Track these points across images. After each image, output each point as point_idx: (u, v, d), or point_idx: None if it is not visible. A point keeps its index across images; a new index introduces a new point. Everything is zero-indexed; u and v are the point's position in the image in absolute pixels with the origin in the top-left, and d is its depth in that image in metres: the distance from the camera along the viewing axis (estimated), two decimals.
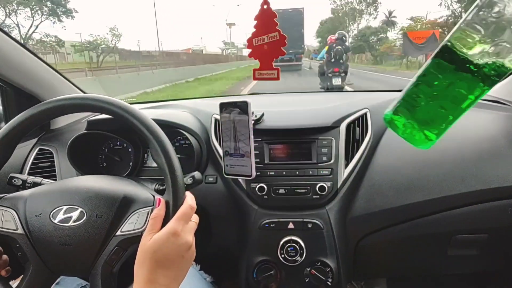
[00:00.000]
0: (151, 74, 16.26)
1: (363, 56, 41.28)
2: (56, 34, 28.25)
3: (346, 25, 49.60)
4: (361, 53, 40.40)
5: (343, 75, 6.45)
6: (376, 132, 0.94)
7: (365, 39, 37.77)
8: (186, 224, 0.56)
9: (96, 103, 0.61)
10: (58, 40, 24.62)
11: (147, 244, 0.53)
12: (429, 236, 0.94)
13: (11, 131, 0.61)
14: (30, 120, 0.62)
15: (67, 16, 25.00)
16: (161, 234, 0.53)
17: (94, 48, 25.21)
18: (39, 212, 0.59)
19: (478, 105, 1.07)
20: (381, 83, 13.03)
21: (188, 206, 0.58)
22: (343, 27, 49.43)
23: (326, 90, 6.20)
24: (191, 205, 0.58)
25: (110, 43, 27.12)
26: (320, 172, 0.87)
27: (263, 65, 0.69)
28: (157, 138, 0.60)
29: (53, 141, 1.07)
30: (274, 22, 0.64)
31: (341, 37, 6.83)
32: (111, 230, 0.58)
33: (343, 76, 6.46)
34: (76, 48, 26.20)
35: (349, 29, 51.16)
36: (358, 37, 39.45)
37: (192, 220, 0.59)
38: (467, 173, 0.86)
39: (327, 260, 0.84)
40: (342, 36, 6.92)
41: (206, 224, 0.97)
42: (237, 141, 0.83)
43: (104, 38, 26.30)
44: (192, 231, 0.58)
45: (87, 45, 25.63)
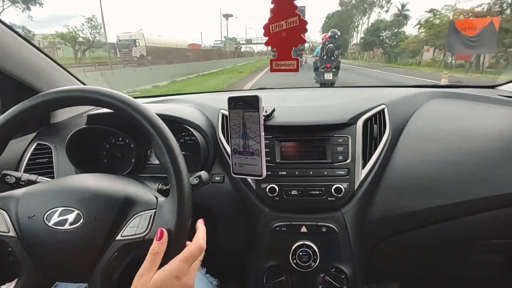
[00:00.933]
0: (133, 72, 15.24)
1: (373, 52, 38.77)
2: (25, 25, 25.20)
3: (354, 19, 47.95)
4: (371, 50, 38.18)
5: (334, 71, 7.14)
6: (395, 130, 0.89)
7: (377, 34, 34.95)
8: (190, 266, 0.53)
9: (95, 95, 0.58)
10: (27, 32, 22.50)
11: (148, 285, 0.49)
12: (450, 241, 0.89)
13: (4, 124, 0.58)
14: (25, 113, 0.58)
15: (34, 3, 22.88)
16: (164, 274, 0.50)
17: (70, 41, 23.64)
18: (32, 214, 0.55)
19: (501, 102, 1.02)
20: None
21: (196, 247, 0.54)
22: (351, 21, 47.78)
23: (321, 85, 7.02)
24: (200, 246, 0.55)
25: (91, 36, 25.29)
26: (336, 172, 0.82)
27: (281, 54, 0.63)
28: (161, 134, 0.57)
29: (52, 136, 1.02)
30: (293, 5, 0.58)
31: (333, 35, 7.45)
32: (110, 235, 0.55)
33: (335, 71, 7.17)
34: (49, 41, 24.31)
35: (357, 23, 49.15)
36: (369, 31, 36.70)
37: (198, 259, 0.55)
38: (492, 175, 0.81)
39: (342, 266, 0.80)
40: (334, 35, 7.51)
41: (212, 225, 0.93)
42: (247, 138, 0.78)
43: (82, 29, 24.46)
44: (195, 273, 0.55)
45: (59, 38, 23.78)
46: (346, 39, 51.63)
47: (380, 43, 34.85)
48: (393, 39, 33.14)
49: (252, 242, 0.87)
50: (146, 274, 0.50)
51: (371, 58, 37.47)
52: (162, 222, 0.55)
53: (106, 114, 0.92)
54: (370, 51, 37.95)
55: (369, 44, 35.85)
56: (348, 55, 50.58)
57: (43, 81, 1.04)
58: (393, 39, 33.17)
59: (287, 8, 0.58)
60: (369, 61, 35.48)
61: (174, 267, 0.51)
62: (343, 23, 48.32)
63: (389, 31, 34.16)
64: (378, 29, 34.87)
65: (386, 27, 34.47)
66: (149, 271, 0.50)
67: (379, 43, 34.90)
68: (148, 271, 0.50)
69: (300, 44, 0.60)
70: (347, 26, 49.18)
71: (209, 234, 0.93)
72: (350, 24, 49.11)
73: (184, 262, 0.52)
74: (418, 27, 29.70)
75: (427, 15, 25.24)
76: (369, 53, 38.94)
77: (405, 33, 33.23)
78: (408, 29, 35.32)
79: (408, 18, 35.46)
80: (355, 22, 49.20)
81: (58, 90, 0.58)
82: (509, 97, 1.07)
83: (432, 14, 28.13)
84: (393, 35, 33.49)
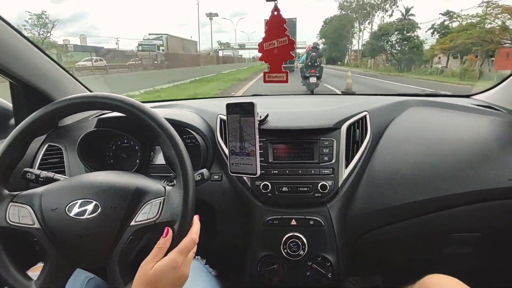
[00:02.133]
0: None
1: (375, 60, 34.54)
2: None
3: (355, 23, 44.15)
4: (378, 56, 33.66)
5: (318, 75, 8.90)
6: (375, 134, 0.99)
7: (386, 39, 30.68)
8: (186, 257, 0.60)
9: (108, 101, 0.64)
10: None
11: (149, 273, 0.56)
12: (425, 234, 0.98)
13: (26, 128, 0.64)
14: (44, 118, 0.65)
15: None
16: (163, 265, 0.57)
17: None
18: (55, 207, 0.61)
19: (473, 110, 1.13)
20: None
21: (191, 240, 0.61)
22: (352, 25, 43.68)
23: (311, 93, 8.56)
24: (194, 239, 0.61)
25: (40, 36, 20.65)
26: (321, 171, 0.91)
27: (273, 68, 0.73)
28: (168, 133, 0.64)
29: (61, 138, 1.09)
30: (283, 27, 0.68)
31: (315, 46, 9.69)
32: (125, 221, 0.61)
33: (318, 76, 8.94)
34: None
35: (358, 28, 44.62)
36: (377, 35, 32.08)
37: (192, 251, 0.62)
38: (462, 175, 0.91)
39: (328, 255, 0.88)
40: (316, 45, 9.81)
41: (212, 220, 1.00)
42: (243, 141, 0.86)
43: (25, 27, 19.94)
44: (190, 263, 0.61)
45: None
46: (344, 46, 49.65)
47: (390, 49, 30.84)
48: (405, 44, 28.94)
49: (247, 234, 0.95)
50: (149, 263, 0.56)
51: (377, 65, 33.60)
52: (171, 207, 0.61)
53: (115, 117, 1.00)
54: (375, 57, 34.38)
55: (377, 49, 32.06)
56: (348, 61, 47.70)
57: (53, 87, 1.10)
58: (405, 44, 28.87)
59: (279, 30, 0.68)
60: (375, 69, 31.31)
61: (171, 258, 0.57)
62: (342, 28, 45.66)
63: (400, 35, 29.77)
64: (387, 33, 30.83)
65: (397, 31, 30.07)
66: (152, 262, 0.57)
67: (389, 48, 30.88)
68: (151, 261, 0.57)
69: (289, 59, 0.70)
70: (347, 32, 46.59)
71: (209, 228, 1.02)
72: (350, 29, 45.99)
73: (180, 253, 0.58)
74: (432, 31, 27.42)
75: (436, 18, 22.66)
76: (375, 59, 34.99)
77: (419, 38, 29.00)
78: (421, 33, 29.87)
79: (416, 24, 30.01)
80: (355, 27, 45.49)
81: (76, 96, 0.65)
82: (480, 106, 1.18)
83: (447, 17, 25.68)
84: (405, 39, 29.18)
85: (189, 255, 0.61)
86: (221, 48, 58.44)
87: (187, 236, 0.61)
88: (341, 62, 49.95)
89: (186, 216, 0.61)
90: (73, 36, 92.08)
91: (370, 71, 29.24)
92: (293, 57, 0.71)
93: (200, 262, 0.94)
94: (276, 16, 0.67)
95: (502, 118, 1.07)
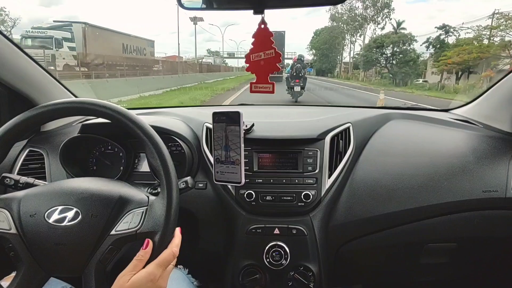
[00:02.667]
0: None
1: (370, 72, 33.02)
2: None
3: (346, 35, 42.96)
4: (370, 69, 32.20)
5: (301, 85, 9.87)
6: (358, 145, 1.01)
7: (380, 51, 29.37)
8: (164, 270, 0.59)
9: (95, 107, 0.63)
10: None
11: (125, 285, 0.55)
12: (403, 244, 1.01)
13: (7, 132, 0.62)
14: (28, 122, 0.63)
15: None
16: (140, 277, 0.56)
17: None
18: (34, 212, 0.60)
19: (451, 124, 1.18)
20: None
21: (171, 253, 0.60)
22: (343, 37, 43.43)
23: (296, 101, 9.54)
24: (174, 252, 0.61)
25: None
26: (305, 181, 0.93)
27: (260, 79, 0.75)
28: (153, 141, 0.64)
29: (43, 143, 1.07)
30: (270, 40, 0.71)
31: (300, 58, 10.55)
32: (105, 230, 0.60)
33: (302, 86, 9.90)
34: None
35: (348, 40, 43.48)
36: (371, 47, 30.44)
37: (171, 263, 0.61)
38: (439, 186, 0.94)
39: (310, 265, 0.89)
40: (301, 57, 10.72)
41: (195, 229, 1.00)
42: (228, 150, 0.87)
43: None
44: (168, 276, 0.61)
45: None
46: (335, 58, 48.34)
47: (384, 62, 29.54)
48: (401, 58, 27.86)
49: (230, 243, 0.95)
50: (126, 275, 0.55)
51: (369, 78, 32.14)
52: (154, 218, 0.61)
53: (99, 124, 0.99)
54: (367, 70, 33.31)
55: (371, 62, 30.32)
56: (338, 74, 46.47)
57: (37, 91, 1.08)
58: (401, 57, 27.85)
59: (265, 42, 0.70)
60: (367, 82, 29.75)
61: (149, 271, 0.57)
62: (333, 40, 44.55)
63: (396, 48, 28.68)
64: (381, 45, 29.37)
65: (393, 44, 28.69)
66: (129, 274, 0.56)
67: (383, 61, 29.59)
68: (128, 274, 0.56)
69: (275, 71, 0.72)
70: (338, 43, 45.21)
71: (192, 237, 1.01)
72: (341, 41, 44.61)
73: (158, 266, 0.58)
74: (427, 45, 26.29)
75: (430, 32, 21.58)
76: (365, 72, 34.03)
77: (415, 51, 28.02)
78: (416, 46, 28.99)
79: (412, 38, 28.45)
80: (346, 39, 44.21)
81: (62, 101, 0.64)
82: (458, 120, 1.23)
83: (443, 30, 24.47)
84: (401, 52, 28.24)
85: (168, 268, 0.60)
86: (209, 55, 57.82)
87: (168, 248, 0.60)
88: (331, 74, 49.01)
89: (168, 227, 0.60)
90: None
91: (364, 84, 27.92)
92: (279, 69, 0.73)
93: (182, 271, 0.93)
94: (263, 29, 0.69)
95: (478, 132, 1.12)
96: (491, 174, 0.95)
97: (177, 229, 0.64)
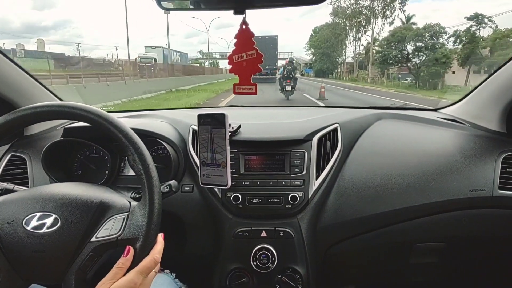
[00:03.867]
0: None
1: (375, 73, 28.76)
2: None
3: (349, 31, 37.11)
4: (386, 69, 26.59)
5: (292, 85, 11.26)
6: (346, 146, 1.01)
7: (401, 47, 23.81)
8: (145, 277, 0.58)
9: (74, 110, 0.62)
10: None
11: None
12: (392, 244, 1.00)
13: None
14: (6, 126, 0.61)
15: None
16: (120, 285, 0.54)
17: None
18: (11, 219, 0.58)
19: (439, 123, 1.18)
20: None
21: (152, 260, 0.59)
22: (346, 34, 37.91)
23: (287, 99, 11.22)
24: (155, 259, 0.60)
25: None
26: (292, 182, 0.92)
27: (242, 80, 0.74)
28: (135, 146, 0.62)
29: (26, 147, 1.05)
30: (251, 41, 0.70)
31: (290, 61, 12.35)
32: (85, 236, 0.59)
33: (292, 85, 11.29)
34: None
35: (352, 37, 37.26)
36: (388, 42, 24.80)
37: (153, 270, 0.60)
38: (427, 186, 0.94)
39: (298, 267, 0.88)
40: (291, 60, 12.73)
41: (181, 232, 0.99)
42: (214, 152, 0.86)
43: None
44: (150, 284, 0.60)
45: None
46: (336, 57, 42.60)
47: (405, 59, 23.65)
48: (428, 54, 22.00)
49: (217, 247, 0.94)
50: (106, 284, 0.54)
51: (382, 81, 26.66)
52: (135, 224, 0.59)
53: (82, 127, 0.97)
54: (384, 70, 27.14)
55: (388, 60, 24.65)
56: (340, 74, 41.88)
57: (19, 95, 1.06)
58: (428, 54, 21.99)
59: (247, 43, 0.70)
60: (381, 84, 24.83)
61: (130, 279, 0.55)
62: (335, 37, 38.97)
63: (420, 43, 22.75)
64: (402, 39, 23.61)
65: (415, 37, 22.76)
66: (109, 282, 0.54)
67: (402, 60, 23.83)
68: (108, 282, 0.54)
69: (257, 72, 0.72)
70: (341, 41, 39.41)
71: (179, 241, 0.99)
72: (344, 38, 38.78)
73: (139, 274, 0.56)
74: (454, 39, 20.76)
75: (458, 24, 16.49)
76: (375, 72, 28.65)
77: (445, 46, 21.65)
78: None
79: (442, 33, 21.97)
80: (349, 36, 38.07)
81: (40, 105, 0.62)
82: (446, 119, 1.23)
83: (474, 22, 18.85)
84: (428, 48, 22.24)
85: (149, 276, 0.59)
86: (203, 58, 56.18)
87: (149, 255, 0.59)
88: (333, 75, 43.90)
89: (149, 234, 0.59)
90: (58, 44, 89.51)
91: (378, 86, 23.08)
92: (261, 70, 0.72)
93: (169, 276, 0.92)
94: (245, 30, 0.68)
95: (465, 131, 1.12)
96: (478, 173, 0.95)
97: (159, 235, 0.63)
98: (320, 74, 44.44)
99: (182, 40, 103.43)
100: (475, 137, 1.06)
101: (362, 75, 33.56)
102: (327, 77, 42.85)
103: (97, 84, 14.35)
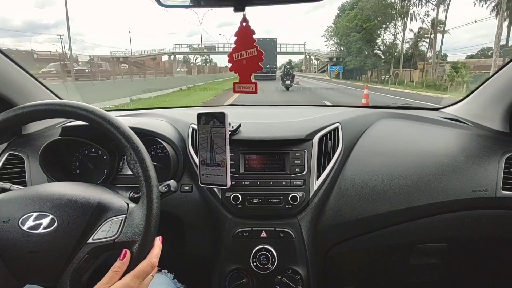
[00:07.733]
0: None
1: (412, 73, 22.32)
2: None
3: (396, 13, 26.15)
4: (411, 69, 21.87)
5: (290, 79, 16.26)
6: (347, 145, 1.00)
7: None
8: (142, 282, 0.57)
9: (73, 109, 0.61)
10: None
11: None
12: (393, 245, 0.99)
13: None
14: (4, 124, 0.61)
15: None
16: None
17: None
18: (7, 219, 0.57)
19: (441, 123, 1.17)
20: None
21: (149, 264, 0.58)
22: (402, 9, 26.33)
23: (287, 89, 15.73)
24: (153, 263, 0.59)
25: None
26: (293, 182, 0.90)
27: (243, 79, 0.73)
28: (134, 146, 0.61)
29: (24, 146, 1.04)
30: (252, 38, 0.68)
31: (289, 62, 17.42)
32: (82, 238, 0.58)
33: (291, 80, 16.36)
34: None
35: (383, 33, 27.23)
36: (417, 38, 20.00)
37: (150, 274, 0.59)
38: (429, 186, 0.93)
39: (298, 268, 0.87)
40: (290, 61, 17.58)
41: (180, 233, 0.98)
42: (214, 151, 0.85)
43: None
44: (147, 287, 0.59)
45: None
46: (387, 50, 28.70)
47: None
48: None
49: (216, 247, 0.92)
50: (101, 287, 0.53)
51: (413, 79, 20.44)
52: (132, 226, 0.59)
53: (80, 126, 0.96)
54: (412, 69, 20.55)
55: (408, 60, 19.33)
56: (391, 78, 26.46)
57: (18, 94, 1.05)
58: None
59: (248, 41, 0.68)
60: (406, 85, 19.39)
61: (125, 283, 0.55)
62: (385, 9, 26.12)
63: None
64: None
65: None
66: (104, 286, 0.53)
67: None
68: (103, 286, 0.53)
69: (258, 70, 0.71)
70: (395, 17, 26.53)
71: (178, 241, 0.98)
72: (404, 12, 26.53)
73: (136, 278, 0.56)
74: None
75: None
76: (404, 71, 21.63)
77: None
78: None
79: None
80: (397, 19, 26.65)
81: (39, 103, 0.61)
82: (448, 119, 1.22)
83: None
84: None
85: (146, 280, 0.58)
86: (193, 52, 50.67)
87: (146, 259, 0.58)
88: (359, 79, 30.24)
89: (147, 237, 0.58)
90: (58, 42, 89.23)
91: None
92: (262, 68, 0.71)
93: (168, 276, 0.91)
94: (245, 27, 0.67)
95: (467, 130, 1.11)
96: (481, 173, 0.94)
97: (157, 239, 0.62)
98: (350, 75, 31.96)
99: (184, 39, 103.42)
100: (477, 137, 1.05)
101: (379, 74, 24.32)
102: (358, 79, 30.63)
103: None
